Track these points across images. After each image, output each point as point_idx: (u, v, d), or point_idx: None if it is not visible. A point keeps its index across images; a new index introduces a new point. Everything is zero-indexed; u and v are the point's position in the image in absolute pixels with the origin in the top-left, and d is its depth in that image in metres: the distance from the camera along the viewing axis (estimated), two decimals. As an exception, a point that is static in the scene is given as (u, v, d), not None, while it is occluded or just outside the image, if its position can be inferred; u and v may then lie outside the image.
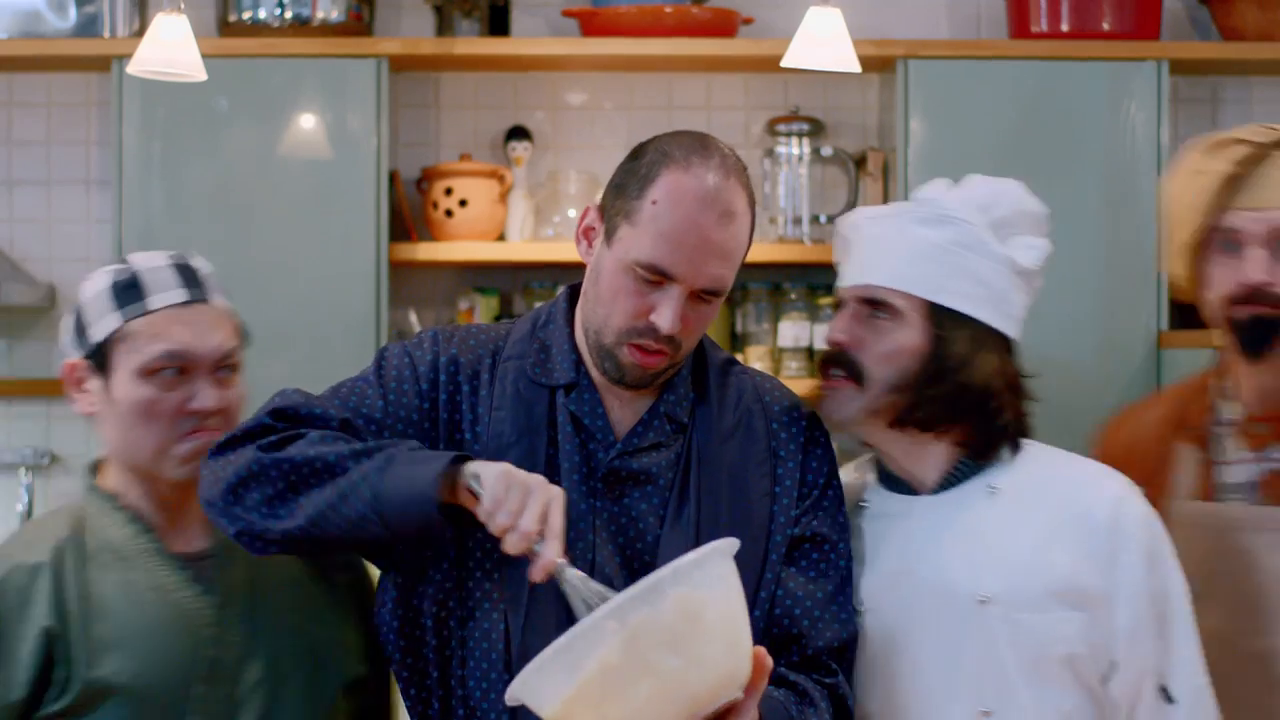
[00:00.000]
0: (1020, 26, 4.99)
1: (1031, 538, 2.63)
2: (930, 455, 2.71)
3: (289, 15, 4.87)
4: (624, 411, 2.58)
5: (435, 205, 5.02)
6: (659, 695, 2.12)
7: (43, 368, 5.04)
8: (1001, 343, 2.71)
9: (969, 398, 2.67)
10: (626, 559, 2.52)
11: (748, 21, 5.05)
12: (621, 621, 2.10)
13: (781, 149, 5.11)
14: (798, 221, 5.06)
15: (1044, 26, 4.96)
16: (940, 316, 2.66)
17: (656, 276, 2.47)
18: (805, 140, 5.10)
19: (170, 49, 3.79)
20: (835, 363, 2.69)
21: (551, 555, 2.27)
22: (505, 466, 2.34)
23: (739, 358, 5.09)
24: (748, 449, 2.61)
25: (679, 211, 2.46)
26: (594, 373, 2.57)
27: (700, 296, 2.49)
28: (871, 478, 2.80)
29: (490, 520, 2.30)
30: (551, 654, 2.12)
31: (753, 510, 2.57)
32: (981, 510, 2.67)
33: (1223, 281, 2.77)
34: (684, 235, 2.45)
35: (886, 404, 2.67)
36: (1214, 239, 2.78)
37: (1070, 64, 4.85)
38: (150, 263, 2.68)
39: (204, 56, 3.85)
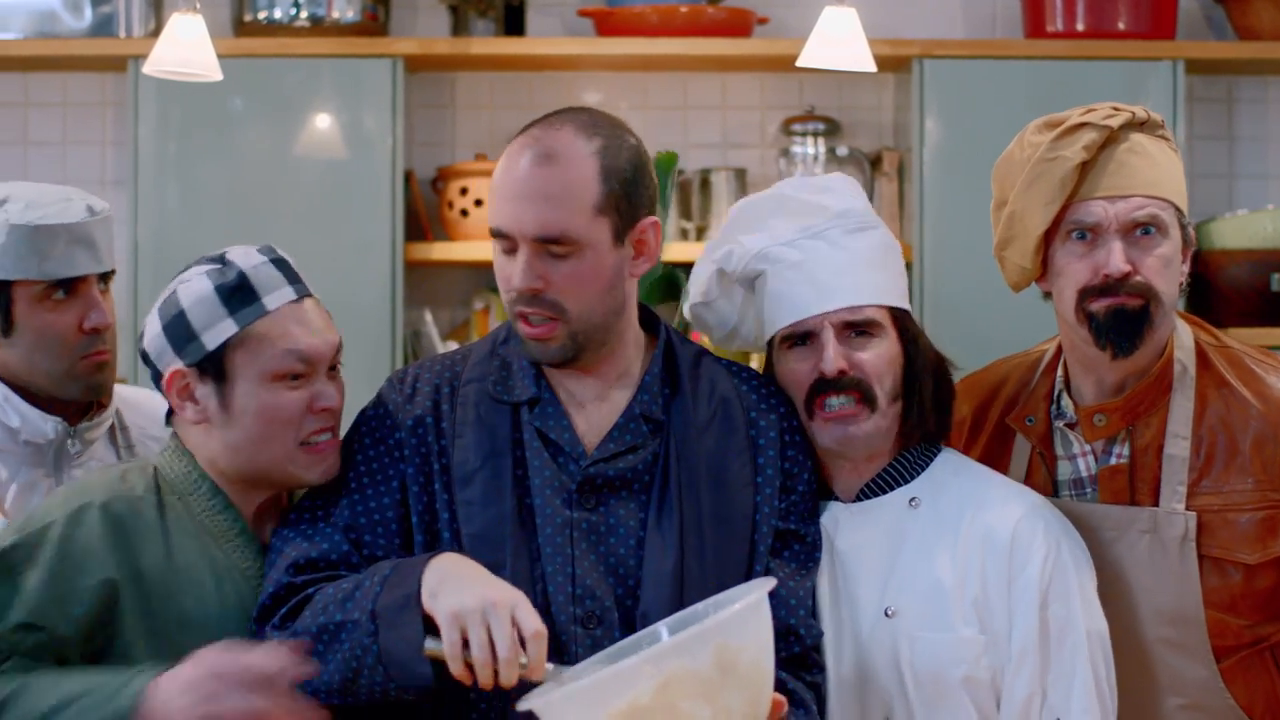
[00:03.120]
0: (1036, 26, 4.99)
1: (943, 555, 2.61)
2: (864, 465, 2.69)
3: (304, 15, 4.88)
4: (594, 420, 2.56)
5: (450, 205, 5.02)
6: None
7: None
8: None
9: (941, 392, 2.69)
10: (610, 566, 2.50)
11: (763, 21, 5.05)
12: (658, 667, 2.09)
13: (797, 149, 5.11)
14: (813, 221, 5.06)
15: (1059, 26, 4.95)
16: (900, 320, 2.66)
17: (503, 241, 2.50)
18: (820, 140, 5.09)
19: (186, 49, 3.79)
20: (837, 389, 2.61)
21: (540, 662, 2.26)
22: (451, 607, 2.28)
23: (755, 357, 5.12)
24: (726, 439, 2.58)
25: (503, 170, 2.52)
26: (559, 384, 2.56)
27: (547, 250, 2.47)
28: None
29: (461, 668, 2.27)
30: (586, 686, 2.11)
31: (735, 501, 2.55)
32: (901, 522, 2.65)
33: (1078, 272, 2.67)
34: (505, 189, 2.50)
35: (892, 418, 2.65)
36: (1065, 228, 2.72)
37: (1086, 63, 4.85)
38: (250, 259, 2.55)
39: (219, 56, 3.85)
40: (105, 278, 2.88)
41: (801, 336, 2.65)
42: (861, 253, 2.66)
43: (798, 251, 2.66)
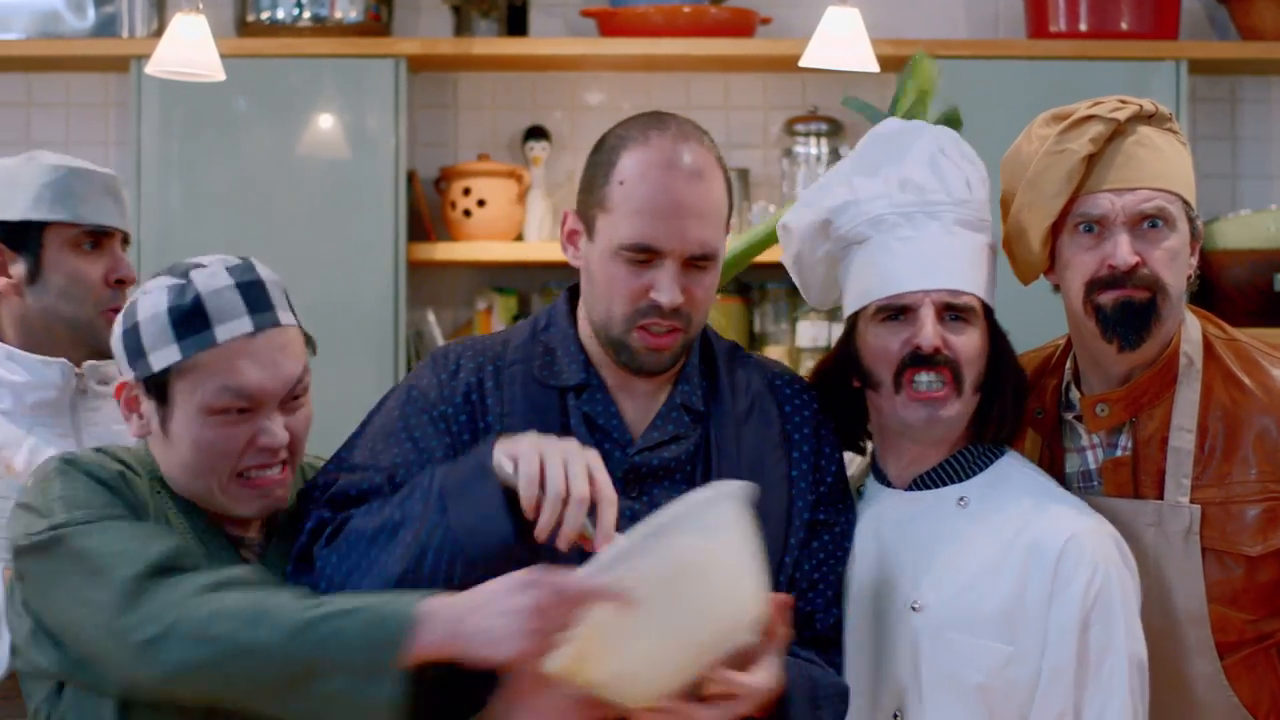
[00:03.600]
0: (1039, 26, 4.99)
1: (984, 559, 2.59)
2: (929, 451, 2.67)
3: (307, 15, 4.89)
4: (637, 409, 2.57)
5: (453, 205, 5.03)
6: (661, 646, 2.13)
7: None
8: None
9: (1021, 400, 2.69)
10: None
11: (765, 21, 5.05)
12: (613, 575, 2.10)
13: (800, 149, 5.11)
14: (816, 221, 5.06)
15: (1062, 26, 4.95)
16: (990, 319, 2.65)
17: (645, 254, 2.47)
18: (824, 140, 5.10)
19: (189, 49, 3.80)
20: (931, 365, 2.58)
21: (609, 530, 2.26)
22: (532, 437, 2.33)
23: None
24: (763, 433, 2.60)
25: (647, 184, 2.46)
26: (606, 371, 2.57)
27: (694, 264, 2.48)
28: (865, 464, 2.79)
29: (533, 501, 2.27)
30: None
31: (771, 496, 2.55)
32: (945, 519, 2.63)
33: (1084, 265, 2.67)
34: (658, 205, 2.46)
35: (970, 409, 2.64)
36: (1072, 220, 2.71)
37: (1088, 64, 4.85)
38: (213, 281, 2.41)
39: (222, 56, 3.85)
40: (125, 241, 2.97)
41: (897, 311, 2.62)
42: (969, 245, 2.64)
43: (911, 227, 2.64)
